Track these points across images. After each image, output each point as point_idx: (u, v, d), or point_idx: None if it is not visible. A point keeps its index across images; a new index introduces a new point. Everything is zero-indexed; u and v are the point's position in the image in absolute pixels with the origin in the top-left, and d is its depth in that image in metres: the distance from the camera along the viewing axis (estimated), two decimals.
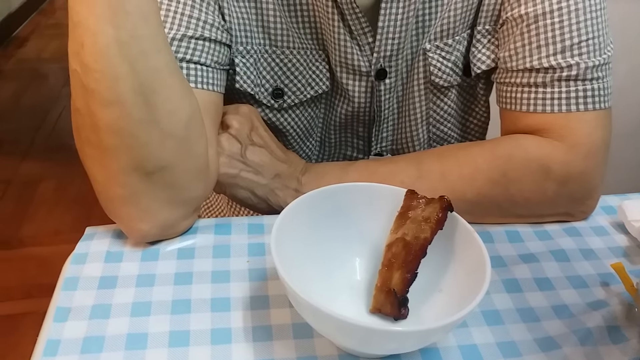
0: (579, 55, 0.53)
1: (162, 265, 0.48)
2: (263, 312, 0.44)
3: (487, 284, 0.37)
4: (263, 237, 0.52)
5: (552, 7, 0.53)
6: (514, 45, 0.55)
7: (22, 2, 3.16)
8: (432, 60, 0.59)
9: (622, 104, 0.58)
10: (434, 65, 0.60)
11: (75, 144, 0.47)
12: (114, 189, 0.46)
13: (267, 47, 0.58)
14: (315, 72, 0.60)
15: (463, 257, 0.42)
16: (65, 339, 0.41)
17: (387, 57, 0.58)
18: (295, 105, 0.61)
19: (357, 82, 0.59)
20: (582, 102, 0.53)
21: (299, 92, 0.60)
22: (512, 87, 0.56)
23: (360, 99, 0.61)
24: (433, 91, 0.62)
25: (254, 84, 0.59)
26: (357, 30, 0.56)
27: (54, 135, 2.15)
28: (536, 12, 0.54)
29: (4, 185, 1.85)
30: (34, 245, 1.61)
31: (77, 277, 0.47)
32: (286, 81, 0.60)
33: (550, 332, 0.43)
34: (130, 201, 0.46)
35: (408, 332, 0.38)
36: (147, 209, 0.47)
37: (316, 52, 0.59)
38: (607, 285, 0.48)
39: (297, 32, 0.58)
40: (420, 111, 0.63)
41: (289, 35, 0.58)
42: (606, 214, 0.57)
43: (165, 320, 0.43)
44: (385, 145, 0.66)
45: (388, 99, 0.61)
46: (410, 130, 0.64)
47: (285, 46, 0.58)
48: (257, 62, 0.59)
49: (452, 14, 0.57)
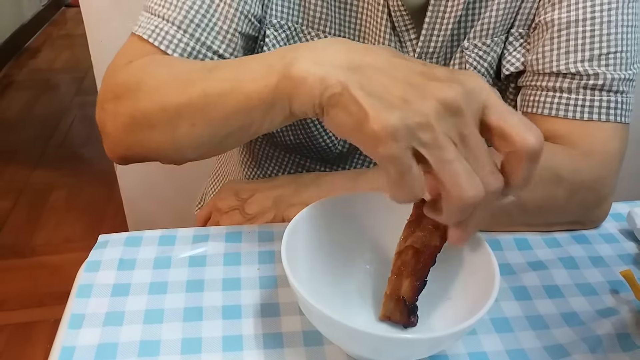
0: (606, 65, 0.53)
1: (174, 273, 0.49)
2: (274, 320, 0.45)
3: (496, 291, 0.38)
4: (273, 245, 0.52)
5: (586, 16, 0.54)
6: (543, 49, 0.56)
7: (34, 14, 3.21)
8: (469, 59, 0.59)
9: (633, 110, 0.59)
10: (469, 64, 0.60)
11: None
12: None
13: (304, 27, 0.58)
14: None
15: (472, 264, 0.42)
16: (80, 346, 0.42)
17: (429, 53, 0.58)
18: None
19: None
20: (604, 112, 0.54)
21: None
22: (537, 90, 0.57)
23: None
24: None
25: None
26: (399, 27, 0.56)
27: (66, 144, 2.17)
28: (569, 18, 0.54)
29: (16, 194, 1.88)
30: (45, 254, 1.62)
31: (91, 285, 0.47)
32: None
33: (560, 340, 0.43)
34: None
35: (418, 340, 0.38)
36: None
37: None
38: (617, 292, 0.48)
39: (337, 19, 0.58)
40: None
41: (327, 19, 0.58)
42: (615, 221, 0.57)
43: (178, 328, 0.44)
44: None
45: None
46: None
47: (321, 30, 0.58)
48: (289, 38, 0.59)
49: (494, 14, 0.58)
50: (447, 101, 0.33)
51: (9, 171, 1.99)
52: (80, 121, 2.33)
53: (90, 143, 2.15)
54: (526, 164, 0.33)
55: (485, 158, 0.34)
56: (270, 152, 0.71)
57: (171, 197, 1.39)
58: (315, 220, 0.44)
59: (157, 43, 0.52)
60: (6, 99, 2.50)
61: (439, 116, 0.33)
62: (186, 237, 0.53)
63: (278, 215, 0.55)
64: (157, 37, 0.52)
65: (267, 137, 0.69)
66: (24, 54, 2.96)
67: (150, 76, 0.48)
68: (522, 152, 0.33)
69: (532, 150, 0.33)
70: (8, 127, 2.27)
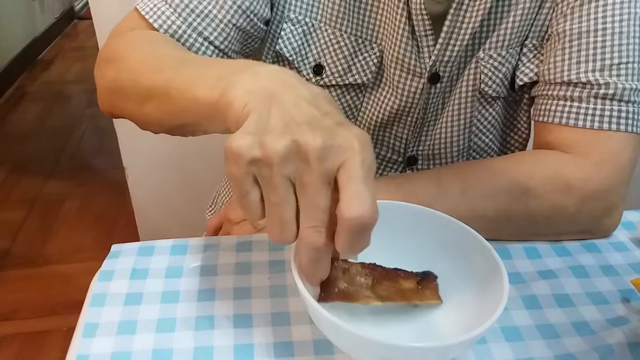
0: (617, 75, 0.54)
1: (186, 282, 0.49)
2: (284, 329, 0.45)
3: (505, 299, 0.38)
4: (283, 254, 0.53)
5: (597, 27, 0.54)
6: (554, 59, 0.57)
7: (47, 27, 3.26)
8: (485, 69, 0.60)
9: None
10: (485, 74, 0.60)
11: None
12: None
13: (322, 23, 0.59)
14: (361, 62, 0.61)
15: (481, 273, 0.43)
16: (94, 354, 0.43)
17: (444, 62, 0.59)
18: (334, 86, 0.62)
19: (408, 81, 0.60)
20: (615, 121, 0.54)
21: (337, 75, 0.61)
22: (548, 99, 0.57)
23: (408, 97, 0.61)
24: (480, 100, 0.63)
25: (295, 52, 0.61)
26: (419, 31, 0.57)
27: (78, 155, 2.20)
28: (580, 29, 0.55)
29: (29, 204, 1.90)
30: (57, 263, 1.64)
31: (104, 294, 0.48)
32: (329, 60, 0.61)
33: (571, 349, 0.43)
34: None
35: (428, 348, 0.38)
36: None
37: (369, 43, 0.60)
38: (628, 301, 0.48)
39: (355, 18, 0.59)
40: (464, 118, 0.63)
41: (344, 18, 0.59)
42: (626, 230, 0.57)
43: (190, 336, 0.44)
44: (422, 149, 0.66)
45: (434, 103, 0.62)
46: (451, 136, 0.64)
47: (337, 27, 0.59)
48: (305, 33, 0.60)
49: (510, 26, 0.58)
50: (301, 145, 0.33)
51: (22, 182, 2.02)
52: (92, 132, 2.35)
53: (102, 154, 2.18)
54: (345, 233, 0.33)
55: (315, 211, 0.34)
56: None
57: (182, 207, 1.40)
58: None
59: (152, 21, 0.55)
60: (19, 111, 2.53)
61: (285, 157, 0.33)
62: (197, 246, 0.54)
63: None
64: (153, 15, 0.55)
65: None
66: (37, 66, 3.01)
67: (134, 51, 0.52)
68: (343, 220, 0.33)
69: (351, 221, 0.33)
70: (21, 139, 2.30)
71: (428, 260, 0.46)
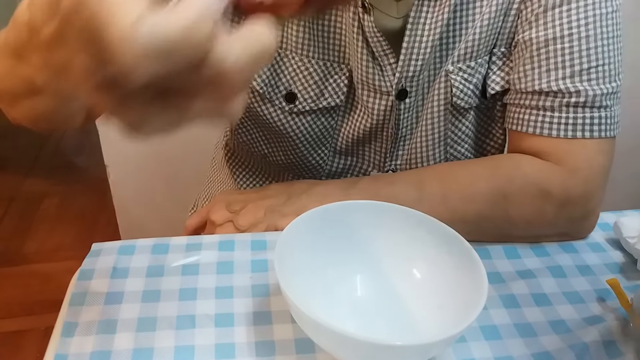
0: (587, 80, 0.54)
1: (167, 281, 0.49)
2: (266, 328, 0.45)
3: (484, 299, 0.38)
4: (266, 254, 0.53)
5: (563, 33, 0.54)
6: (524, 68, 0.56)
7: None
8: (455, 82, 0.60)
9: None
10: (456, 87, 0.60)
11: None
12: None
13: (288, 51, 0.59)
14: (331, 85, 0.61)
15: (461, 273, 0.43)
16: (73, 354, 0.42)
17: (409, 77, 0.59)
18: (307, 112, 0.62)
19: (377, 100, 0.60)
20: (588, 129, 0.54)
21: (310, 100, 0.61)
22: (521, 108, 0.57)
23: (379, 116, 0.61)
24: (452, 112, 0.63)
25: (265, 84, 0.60)
26: (378, 52, 0.57)
27: (58, 152, 2.17)
28: (547, 36, 0.55)
29: (8, 202, 1.87)
30: (36, 262, 1.62)
31: (84, 293, 0.48)
32: (300, 87, 0.61)
33: (548, 347, 0.44)
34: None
35: (408, 347, 0.39)
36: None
37: (337, 66, 0.60)
38: (603, 300, 0.49)
39: (321, 43, 0.59)
40: (438, 131, 0.63)
41: (310, 45, 0.59)
42: (602, 231, 0.58)
43: (170, 336, 0.44)
44: (400, 163, 0.66)
45: (407, 118, 0.62)
46: (427, 149, 0.65)
47: (304, 54, 0.59)
48: (273, 64, 0.60)
49: (477, 37, 0.58)
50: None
51: (0, 179, 1.98)
52: (74, 130, 2.32)
53: (83, 151, 2.15)
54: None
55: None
56: (262, 167, 0.72)
57: (164, 205, 1.39)
58: (307, 229, 0.45)
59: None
60: None
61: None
62: (179, 245, 0.53)
63: (270, 227, 0.55)
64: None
65: (260, 156, 0.70)
66: None
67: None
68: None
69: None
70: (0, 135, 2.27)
71: (407, 260, 0.47)
